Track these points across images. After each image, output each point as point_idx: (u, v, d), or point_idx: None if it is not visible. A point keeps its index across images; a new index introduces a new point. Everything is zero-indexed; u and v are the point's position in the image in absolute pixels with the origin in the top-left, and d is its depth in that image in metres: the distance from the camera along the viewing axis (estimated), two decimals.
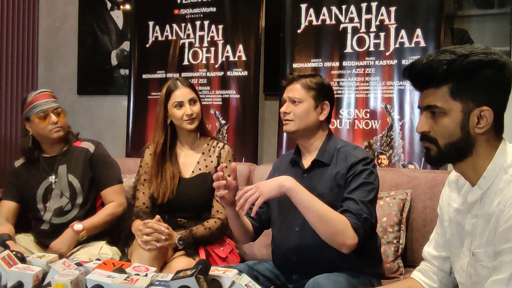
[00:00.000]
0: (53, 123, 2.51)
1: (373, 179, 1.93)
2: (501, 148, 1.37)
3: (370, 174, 1.92)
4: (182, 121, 2.40)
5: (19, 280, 1.50)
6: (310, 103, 2.01)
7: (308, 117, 2.01)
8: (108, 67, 4.27)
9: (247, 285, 1.38)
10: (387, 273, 2.39)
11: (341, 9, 3.23)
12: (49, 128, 2.51)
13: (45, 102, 2.53)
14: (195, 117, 2.42)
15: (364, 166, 1.93)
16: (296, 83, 2.03)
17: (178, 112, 2.40)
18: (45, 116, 2.51)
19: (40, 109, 2.51)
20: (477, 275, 1.39)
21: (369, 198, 1.88)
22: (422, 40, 3.03)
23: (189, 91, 2.42)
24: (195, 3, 3.66)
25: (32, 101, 2.53)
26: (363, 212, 1.84)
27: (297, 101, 2.01)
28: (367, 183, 1.90)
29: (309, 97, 2.01)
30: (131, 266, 1.56)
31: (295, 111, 2.00)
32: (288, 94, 2.03)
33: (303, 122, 2.00)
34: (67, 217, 2.54)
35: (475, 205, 1.41)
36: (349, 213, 1.83)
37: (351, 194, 1.88)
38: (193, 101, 2.42)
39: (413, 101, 3.03)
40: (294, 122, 2.00)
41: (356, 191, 1.89)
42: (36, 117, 2.50)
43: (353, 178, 1.91)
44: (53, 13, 4.48)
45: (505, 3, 3.21)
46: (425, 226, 2.50)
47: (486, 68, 1.31)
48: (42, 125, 2.51)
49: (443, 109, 1.34)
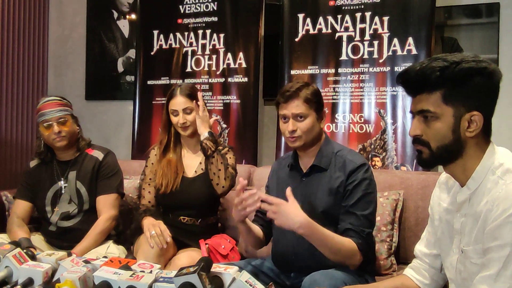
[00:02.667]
0: (55, 133, 2.45)
1: (372, 188, 1.94)
2: (489, 150, 1.37)
3: (369, 184, 1.92)
4: (177, 127, 2.45)
5: (29, 277, 1.50)
6: (314, 116, 1.96)
7: (314, 130, 1.97)
8: (115, 73, 4.28)
9: (247, 282, 1.38)
10: (380, 270, 2.39)
11: (336, 18, 3.24)
12: (52, 137, 2.46)
13: (49, 111, 2.46)
14: (189, 125, 2.43)
15: (363, 174, 1.92)
16: (295, 99, 1.94)
17: (174, 119, 2.44)
18: (49, 126, 2.46)
19: (44, 119, 2.45)
20: (466, 272, 1.39)
21: (369, 210, 1.90)
22: (413, 48, 3.04)
23: (185, 100, 2.42)
24: (197, 13, 3.67)
25: (39, 109, 2.49)
26: (365, 227, 1.86)
27: (303, 117, 1.94)
28: (367, 194, 1.91)
29: (312, 110, 1.96)
30: (137, 263, 1.56)
31: (302, 127, 1.94)
32: (292, 111, 1.94)
33: (310, 136, 1.97)
34: (73, 221, 2.53)
35: (464, 204, 1.41)
36: (352, 232, 1.85)
37: (353, 208, 1.89)
38: (188, 110, 2.42)
39: (405, 106, 3.04)
40: (301, 137, 1.95)
41: (357, 204, 1.89)
42: (41, 125, 2.48)
43: (353, 189, 1.91)
44: (62, 22, 4.50)
45: (492, 13, 3.22)
46: (417, 225, 2.50)
47: (477, 75, 1.31)
48: (46, 134, 2.47)
49: (435, 113, 1.35)
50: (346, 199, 1.91)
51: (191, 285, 1.30)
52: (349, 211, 1.89)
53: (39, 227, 2.63)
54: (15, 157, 4.17)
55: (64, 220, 2.52)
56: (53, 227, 2.53)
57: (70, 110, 2.55)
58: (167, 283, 1.37)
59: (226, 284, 1.40)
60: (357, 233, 1.85)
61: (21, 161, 4.19)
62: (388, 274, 2.39)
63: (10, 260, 1.55)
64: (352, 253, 1.83)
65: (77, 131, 2.58)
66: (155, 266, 1.54)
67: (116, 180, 2.59)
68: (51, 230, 2.54)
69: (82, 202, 2.54)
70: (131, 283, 1.37)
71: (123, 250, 2.52)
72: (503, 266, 1.24)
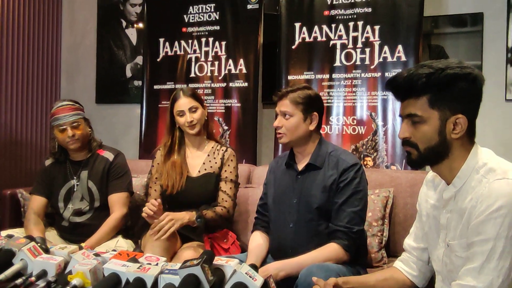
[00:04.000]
0: (69, 136, 2.45)
1: (363, 186, 1.93)
2: (473, 151, 1.37)
3: (360, 182, 1.92)
4: (185, 127, 2.42)
5: (43, 269, 1.50)
6: (299, 117, 1.97)
7: (298, 129, 1.98)
8: (123, 79, 4.29)
9: (247, 273, 1.37)
10: (372, 262, 2.40)
11: (331, 27, 3.24)
12: (66, 141, 2.46)
13: (63, 116, 2.45)
14: (196, 123, 2.41)
15: (355, 173, 1.92)
16: (285, 98, 1.98)
17: (181, 120, 2.41)
18: (63, 130, 2.45)
19: (58, 123, 2.45)
20: (452, 264, 1.39)
21: (359, 207, 1.89)
22: (403, 55, 3.04)
23: (190, 100, 2.41)
24: (201, 22, 3.67)
25: (53, 113, 2.48)
26: (354, 225, 1.87)
27: (288, 115, 1.97)
28: (358, 191, 1.91)
29: (298, 111, 1.97)
30: (144, 256, 1.56)
31: (286, 125, 1.97)
32: (280, 109, 2.00)
33: (295, 134, 1.98)
34: (84, 217, 2.53)
35: (450, 201, 1.41)
36: (340, 233, 1.86)
37: (344, 205, 1.89)
38: (193, 109, 2.41)
39: (395, 109, 3.04)
40: (286, 135, 1.98)
41: (348, 201, 1.89)
42: (55, 129, 2.47)
43: (345, 186, 1.91)
44: (74, 31, 4.50)
45: (477, 22, 3.22)
46: (406, 220, 2.50)
47: (461, 80, 1.31)
48: (60, 137, 2.47)
49: (422, 117, 1.35)
50: (338, 196, 1.91)
51: (194, 277, 1.30)
52: (340, 208, 1.89)
53: (53, 222, 2.63)
54: (29, 157, 4.18)
55: (76, 216, 2.52)
56: (66, 222, 2.53)
57: (82, 113, 2.54)
58: (172, 274, 1.37)
59: (227, 276, 1.40)
60: (345, 234, 1.85)
61: (35, 161, 4.20)
62: (379, 266, 2.39)
63: (25, 253, 1.55)
64: (338, 258, 1.85)
65: (89, 133, 2.58)
66: (161, 259, 1.54)
67: (126, 179, 2.59)
68: (63, 225, 2.54)
69: (93, 200, 2.54)
70: (138, 274, 1.37)
71: (131, 244, 2.52)
72: (486, 259, 1.24)
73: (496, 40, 3.16)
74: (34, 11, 4.20)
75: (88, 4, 4.43)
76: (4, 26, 3.92)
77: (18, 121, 4.07)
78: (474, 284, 1.25)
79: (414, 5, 3.03)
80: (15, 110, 4.05)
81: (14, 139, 4.05)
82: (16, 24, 4.02)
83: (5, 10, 3.92)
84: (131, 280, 1.37)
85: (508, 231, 1.23)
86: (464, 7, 3.26)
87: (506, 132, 3.14)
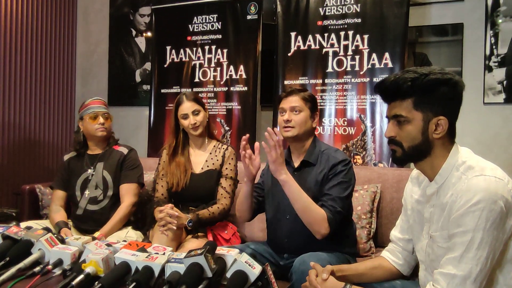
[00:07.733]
0: (100, 123, 2.54)
1: (349, 178, 1.92)
2: (453, 150, 1.37)
3: (347, 174, 1.92)
4: (189, 129, 2.42)
5: (59, 258, 1.49)
6: (307, 113, 1.99)
7: (306, 124, 1.99)
8: (133, 83, 4.29)
9: (246, 262, 1.37)
10: (361, 252, 2.40)
11: (323, 36, 3.24)
12: (96, 127, 2.53)
13: (98, 106, 2.57)
14: (199, 125, 2.42)
15: (343, 167, 1.92)
16: (295, 95, 1.99)
17: (185, 122, 2.41)
18: (95, 117, 2.54)
19: (93, 111, 2.54)
20: (434, 254, 1.39)
21: (344, 194, 1.88)
22: (389, 62, 3.05)
23: (192, 104, 2.41)
24: (204, 31, 3.67)
25: (87, 104, 2.58)
26: (337, 206, 1.85)
27: (298, 110, 1.97)
28: (344, 181, 1.90)
29: (306, 107, 1.99)
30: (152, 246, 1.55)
31: (296, 118, 1.97)
32: (290, 104, 1.98)
33: (303, 128, 1.98)
34: (99, 205, 2.53)
35: (433, 196, 1.41)
36: (325, 208, 1.84)
37: (330, 191, 1.88)
38: (196, 112, 2.41)
39: (382, 112, 3.05)
40: (295, 128, 1.97)
41: (334, 188, 1.89)
42: (88, 116, 2.54)
43: (333, 177, 1.91)
44: (88, 39, 4.50)
45: (457, 32, 3.22)
46: (392, 214, 2.50)
47: (443, 85, 1.32)
48: (92, 123, 2.54)
49: (407, 118, 1.35)
50: (326, 184, 1.91)
51: (198, 265, 1.30)
52: (326, 193, 1.89)
53: (68, 215, 2.63)
54: (47, 155, 4.18)
55: (92, 204, 2.53)
56: (81, 210, 2.54)
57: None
58: (177, 263, 1.37)
59: (228, 264, 1.39)
60: (329, 209, 1.83)
61: (52, 158, 4.20)
62: (368, 256, 2.39)
63: (42, 244, 1.55)
64: (320, 219, 1.80)
65: (111, 129, 2.67)
66: (167, 249, 1.54)
67: (137, 172, 2.61)
68: (78, 214, 2.54)
69: (107, 188, 2.55)
70: (147, 263, 1.37)
71: (140, 235, 2.52)
72: (466, 249, 1.24)
73: (475, 48, 3.16)
74: (52, 23, 4.21)
75: (101, 15, 4.43)
76: (24, 36, 3.93)
77: (37, 122, 4.07)
78: (455, 272, 1.25)
79: (400, 16, 3.03)
80: (34, 112, 4.05)
81: (33, 139, 4.05)
82: (35, 34, 4.02)
83: (25, 21, 3.93)
84: (140, 268, 1.37)
85: (486, 223, 1.23)
86: (445, 18, 3.26)
87: (484, 133, 3.14)
